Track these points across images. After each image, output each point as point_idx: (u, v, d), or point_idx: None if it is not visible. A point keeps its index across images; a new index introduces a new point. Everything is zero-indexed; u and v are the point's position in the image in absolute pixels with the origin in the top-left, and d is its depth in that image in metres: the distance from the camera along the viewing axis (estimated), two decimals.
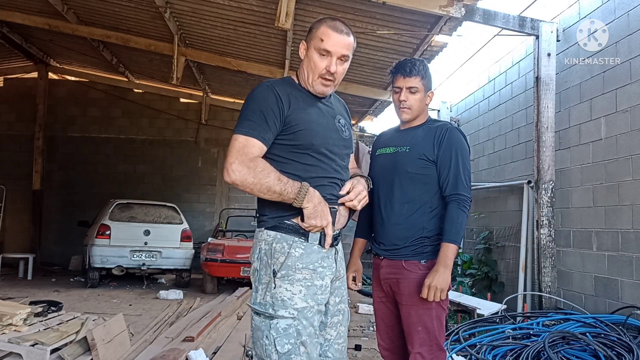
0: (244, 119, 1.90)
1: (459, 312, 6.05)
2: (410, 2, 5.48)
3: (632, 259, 4.79)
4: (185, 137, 12.11)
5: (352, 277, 2.56)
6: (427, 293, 2.19)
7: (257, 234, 1.99)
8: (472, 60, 8.99)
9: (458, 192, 2.29)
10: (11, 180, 11.51)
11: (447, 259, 2.21)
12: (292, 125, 1.92)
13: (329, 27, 1.97)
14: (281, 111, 1.90)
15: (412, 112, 2.40)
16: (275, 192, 1.83)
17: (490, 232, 7.76)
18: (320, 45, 1.95)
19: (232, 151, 1.85)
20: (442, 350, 2.31)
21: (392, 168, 2.39)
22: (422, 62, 2.43)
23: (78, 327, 3.93)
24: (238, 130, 1.88)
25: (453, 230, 2.23)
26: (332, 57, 1.96)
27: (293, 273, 1.88)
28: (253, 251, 1.98)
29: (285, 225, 1.92)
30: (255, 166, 1.82)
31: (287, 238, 1.91)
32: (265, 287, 1.89)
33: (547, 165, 5.83)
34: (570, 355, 3.96)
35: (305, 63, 2.01)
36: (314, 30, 1.99)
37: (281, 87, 1.97)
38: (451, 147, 2.32)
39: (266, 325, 1.85)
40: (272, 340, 1.83)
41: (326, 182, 1.97)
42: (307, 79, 2.00)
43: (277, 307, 1.85)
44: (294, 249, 1.90)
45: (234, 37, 7.81)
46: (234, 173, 1.81)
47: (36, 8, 8.23)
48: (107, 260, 8.39)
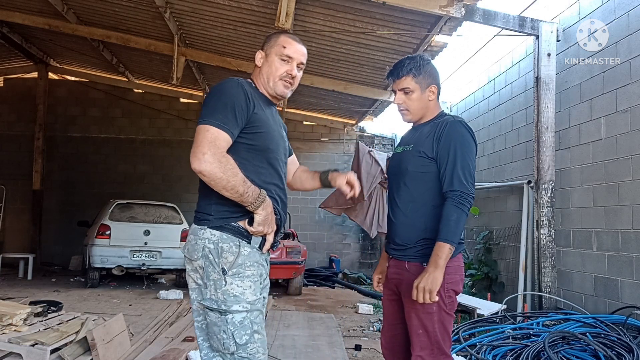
0: (214, 110, 1.92)
1: (459, 312, 6.05)
2: (410, 2, 5.49)
3: (632, 259, 4.79)
4: (185, 137, 12.11)
5: (377, 278, 2.59)
6: (416, 295, 2.12)
7: (196, 231, 2.02)
8: (472, 60, 8.97)
9: (454, 188, 2.18)
10: (11, 180, 11.52)
11: (438, 259, 2.11)
12: (253, 126, 2.00)
13: (289, 37, 2.17)
14: (248, 110, 1.98)
15: (411, 113, 2.37)
16: (238, 192, 1.89)
17: (490, 232, 7.76)
18: (283, 51, 2.12)
19: (203, 141, 1.86)
20: (446, 355, 2.24)
21: (399, 167, 2.38)
22: (415, 59, 2.36)
23: (78, 327, 3.93)
24: (209, 122, 1.89)
25: (446, 229, 2.13)
26: (293, 62, 2.14)
27: (243, 270, 1.97)
28: (194, 249, 2.00)
29: (231, 227, 1.98)
30: (226, 162, 1.87)
31: (232, 239, 1.98)
32: (214, 284, 1.95)
33: (547, 165, 5.83)
34: (570, 355, 3.96)
35: (265, 68, 2.15)
36: (274, 39, 2.16)
37: (247, 86, 2.05)
38: (449, 141, 2.22)
39: (222, 321, 1.94)
40: (231, 334, 1.93)
41: (272, 188, 2.07)
42: (266, 82, 2.14)
43: (229, 302, 1.93)
44: (243, 248, 1.98)
45: (234, 37, 7.81)
46: (205, 163, 1.83)
47: (36, 8, 8.23)
48: (107, 260, 8.38)
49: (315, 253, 11.71)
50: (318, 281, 10.39)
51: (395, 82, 2.36)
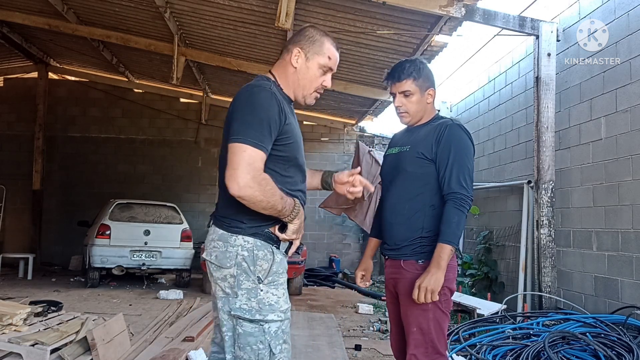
0: (249, 126, 1.81)
1: (459, 312, 6.05)
2: (410, 2, 5.49)
3: (632, 259, 4.79)
4: (185, 137, 12.11)
5: (360, 275, 2.61)
6: (417, 294, 2.15)
7: (226, 237, 1.91)
8: (472, 60, 8.98)
9: (453, 190, 2.21)
10: (11, 180, 11.50)
11: (440, 260, 2.14)
12: (284, 137, 1.90)
13: (333, 45, 2.02)
14: (281, 123, 1.88)
15: (410, 116, 2.40)
16: (276, 210, 1.85)
17: (490, 232, 7.76)
18: (328, 62, 2.01)
19: (241, 163, 1.76)
20: (440, 354, 2.23)
21: (395, 168, 2.40)
22: (414, 62, 2.37)
23: (78, 327, 3.93)
24: (245, 140, 1.78)
25: (448, 231, 2.17)
26: (330, 73, 2.04)
27: (277, 278, 1.92)
28: (224, 256, 1.89)
29: (264, 233, 1.92)
30: (265, 184, 1.80)
31: (266, 245, 1.92)
32: (246, 293, 1.87)
33: (547, 165, 5.83)
34: (570, 355, 3.96)
35: (303, 73, 2.01)
36: (319, 43, 2.01)
37: (278, 94, 1.93)
38: (449, 144, 2.25)
39: (260, 331, 1.86)
40: (267, 344, 1.86)
41: (299, 194, 2.01)
42: (300, 88, 2.03)
43: (265, 311, 1.87)
44: (276, 255, 1.93)
45: (234, 37, 7.81)
46: (246, 189, 1.76)
47: (36, 8, 8.23)
48: (107, 260, 8.37)
49: (315, 253, 11.71)
50: (318, 281, 10.39)
51: (395, 84, 2.37)
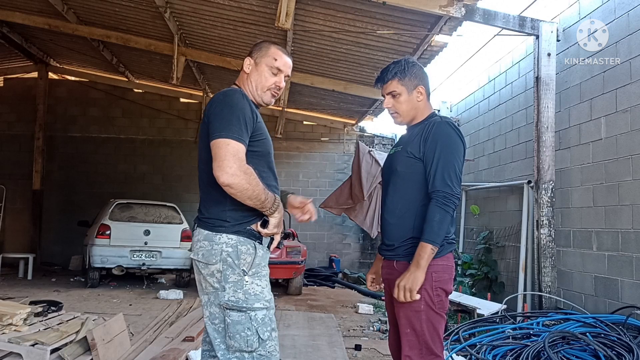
0: (229, 123, 2.00)
1: (459, 312, 6.05)
2: (410, 2, 5.48)
3: (632, 259, 4.79)
4: (185, 137, 12.11)
5: (371, 278, 2.64)
6: (397, 293, 2.15)
7: (211, 237, 2.08)
8: (472, 60, 8.98)
9: (437, 188, 2.19)
10: (11, 180, 11.51)
11: (420, 259, 2.13)
12: (257, 134, 2.11)
13: (279, 49, 2.28)
14: (253, 120, 2.09)
15: (401, 116, 2.41)
16: (260, 200, 2.01)
17: (490, 232, 7.76)
18: (274, 63, 2.24)
19: (227, 155, 1.95)
20: (435, 355, 2.22)
21: (389, 168, 2.43)
22: (399, 62, 2.41)
23: (78, 327, 3.93)
24: (228, 135, 1.98)
25: (429, 230, 2.15)
26: (282, 74, 2.26)
27: (260, 270, 2.10)
28: (210, 254, 2.06)
29: (246, 230, 2.09)
30: (250, 173, 1.98)
31: (249, 241, 2.09)
32: (233, 286, 2.04)
33: (547, 165, 5.83)
34: (570, 355, 3.96)
35: (254, 77, 2.24)
36: (265, 49, 2.27)
37: (247, 97, 2.17)
38: (436, 141, 2.24)
39: (246, 318, 2.03)
40: (255, 330, 2.02)
41: (274, 190, 2.17)
42: (255, 90, 2.24)
43: (251, 301, 2.04)
44: (258, 250, 2.11)
45: (234, 37, 7.81)
46: (234, 177, 1.93)
47: (36, 8, 8.23)
48: (107, 260, 8.38)
49: (315, 253, 11.71)
50: (318, 281, 10.39)
51: (383, 87, 2.44)
